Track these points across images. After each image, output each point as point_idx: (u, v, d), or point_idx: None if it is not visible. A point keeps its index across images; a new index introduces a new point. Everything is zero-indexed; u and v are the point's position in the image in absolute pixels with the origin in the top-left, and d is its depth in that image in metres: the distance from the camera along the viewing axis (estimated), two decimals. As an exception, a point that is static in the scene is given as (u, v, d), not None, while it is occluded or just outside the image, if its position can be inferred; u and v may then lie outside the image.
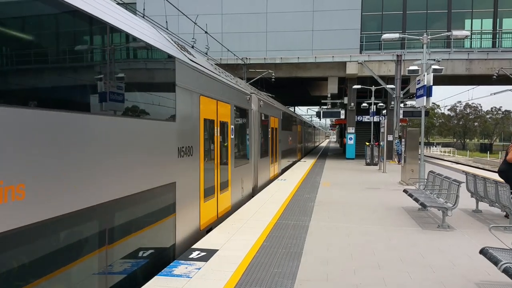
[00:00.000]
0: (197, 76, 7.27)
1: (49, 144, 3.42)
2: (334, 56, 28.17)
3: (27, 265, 3.23)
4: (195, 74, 7.13)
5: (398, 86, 26.09)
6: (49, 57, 3.51)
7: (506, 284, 5.21)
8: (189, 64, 6.85)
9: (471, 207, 10.45)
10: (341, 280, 5.33)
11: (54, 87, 3.57)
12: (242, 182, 10.93)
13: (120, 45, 4.70)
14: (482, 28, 28.94)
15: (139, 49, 5.20)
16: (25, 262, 3.21)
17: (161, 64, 5.84)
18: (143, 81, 5.31)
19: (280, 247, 6.82)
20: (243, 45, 29.09)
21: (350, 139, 30.60)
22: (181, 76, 6.40)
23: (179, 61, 6.35)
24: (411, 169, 15.52)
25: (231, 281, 5.20)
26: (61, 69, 3.65)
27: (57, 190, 3.50)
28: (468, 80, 32.67)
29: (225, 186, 9.19)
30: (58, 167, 3.53)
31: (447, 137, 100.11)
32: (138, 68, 5.27)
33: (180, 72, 6.36)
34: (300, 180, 16.29)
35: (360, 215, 9.57)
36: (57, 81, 3.59)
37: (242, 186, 10.95)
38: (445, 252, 6.68)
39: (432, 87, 13.22)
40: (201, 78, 7.47)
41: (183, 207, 6.55)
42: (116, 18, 4.58)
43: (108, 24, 4.32)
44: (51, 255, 3.49)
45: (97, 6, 4.19)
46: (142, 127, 5.07)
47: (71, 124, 3.70)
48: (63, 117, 3.60)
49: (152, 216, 5.44)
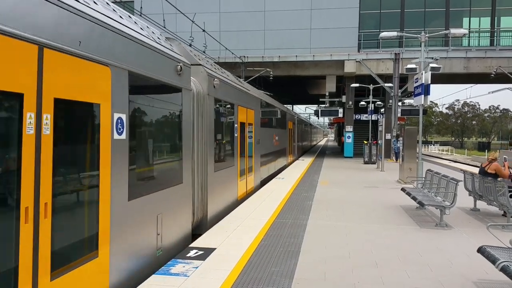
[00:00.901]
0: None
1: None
2: (332, 55, 28.16)
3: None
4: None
5: (396, 85, 26.10)
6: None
7: (504, 283, 5.21)
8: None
9: (469, 205, 10.46)
10: (339, 279, 5.31)
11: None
12: (161, 223, 5.98)
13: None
14: (480, 26, 28.95)
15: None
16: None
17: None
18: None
19: (278, 245, 6.80)
20: (241, 43, 29.04)
21: (348, 138, 30.63)
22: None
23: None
24: (409, 167, 15.52)
25: (228, 280, 5.18)
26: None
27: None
28: (466, 78, 32.70)
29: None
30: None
31: (445, 135, 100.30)
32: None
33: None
34: (298, 179, 16.28)
35: (358, 214, 9.56)
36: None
37: (160, 231, 5.93)
38: (443, 250, 6.67)
39: (430, 86, 13.23)
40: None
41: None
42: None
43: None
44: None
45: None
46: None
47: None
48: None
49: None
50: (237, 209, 9.84)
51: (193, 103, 7.74)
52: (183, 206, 6.88)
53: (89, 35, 4.19)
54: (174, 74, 6.40)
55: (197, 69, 8.21)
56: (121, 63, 4.78)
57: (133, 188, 5.07)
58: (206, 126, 8.21)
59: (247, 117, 12.32)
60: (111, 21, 4.70)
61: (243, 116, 11.78)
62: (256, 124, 13.87)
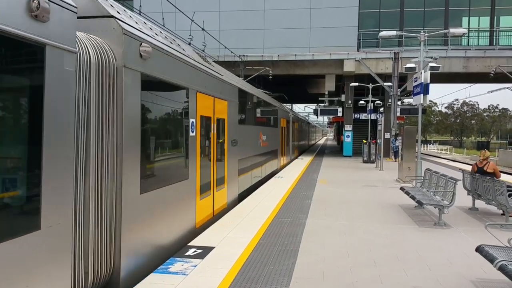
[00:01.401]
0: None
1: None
2: (332, 54, 28.17)
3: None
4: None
5: (395, 84, 26.09)
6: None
7: (502, 282, 5.22)
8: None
9: (467, 205, 10.47)
10: (337, 278, 5.32)
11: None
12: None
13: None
14: (480, 26, 28.97)
15: None
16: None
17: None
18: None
19: (276, 244, 6.80)
20: (241, 42, 29.02)
21: (347, 137, 30.65)
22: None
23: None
24: (408, 166, 15.54)
25: (227, 279, 5.18)
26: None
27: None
28: (466, 78, 32.71)
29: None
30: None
31: (444, 135, 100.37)
32: None
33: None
34: (297, 178, 16.28)
35: (357, 213, 9.56)
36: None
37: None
38: (442, 249, 6.68)
39: (429, 85, 13.24)
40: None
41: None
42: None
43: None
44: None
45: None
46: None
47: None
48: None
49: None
50: (235, 208, 9.83)
51: (84, 78, 4.49)
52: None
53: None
54: (17, 13, 3.25)
55: (105, 23, 5.06)
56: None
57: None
58: (122, 119, 5.00)
59: (216, 110, 9.08)
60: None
61: (208, 108, 8.50)
62: (232, 120, 10.63)
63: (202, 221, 8.12)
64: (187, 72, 7.25)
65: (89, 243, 4.56)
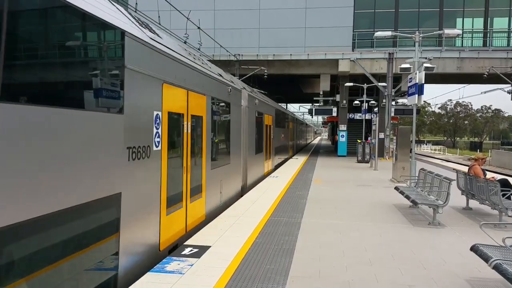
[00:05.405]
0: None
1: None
2: (327, 54, 28.21)
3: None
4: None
5: (389, 84, 26.19)
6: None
7: (497, 281, 5.26)
8: None
9: (461, 204, 10.54)
10: (333, 277, 5.34)
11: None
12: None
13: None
14: (473, 27, 29.17)
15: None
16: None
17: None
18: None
19: (272, 243, 6.82)
20: (236, 41, 28.97)
21: (342, 137, 30.74)
22: None
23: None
24: (402, 166, 15.62)
25: (223, 278, 5.19)
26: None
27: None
28: (459, 78, 32.93)
29: None
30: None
31: (438, 135, 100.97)
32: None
33: None
34: (292, 177, 16.31)
35: (351, 212, 9.60)
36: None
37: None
38: (436, 249, 6.73)
39: (423, 85, 13.31)
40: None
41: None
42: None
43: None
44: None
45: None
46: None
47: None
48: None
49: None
50: (231, 207, 9.83)
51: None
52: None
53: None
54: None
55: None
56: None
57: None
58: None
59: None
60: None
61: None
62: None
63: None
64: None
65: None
